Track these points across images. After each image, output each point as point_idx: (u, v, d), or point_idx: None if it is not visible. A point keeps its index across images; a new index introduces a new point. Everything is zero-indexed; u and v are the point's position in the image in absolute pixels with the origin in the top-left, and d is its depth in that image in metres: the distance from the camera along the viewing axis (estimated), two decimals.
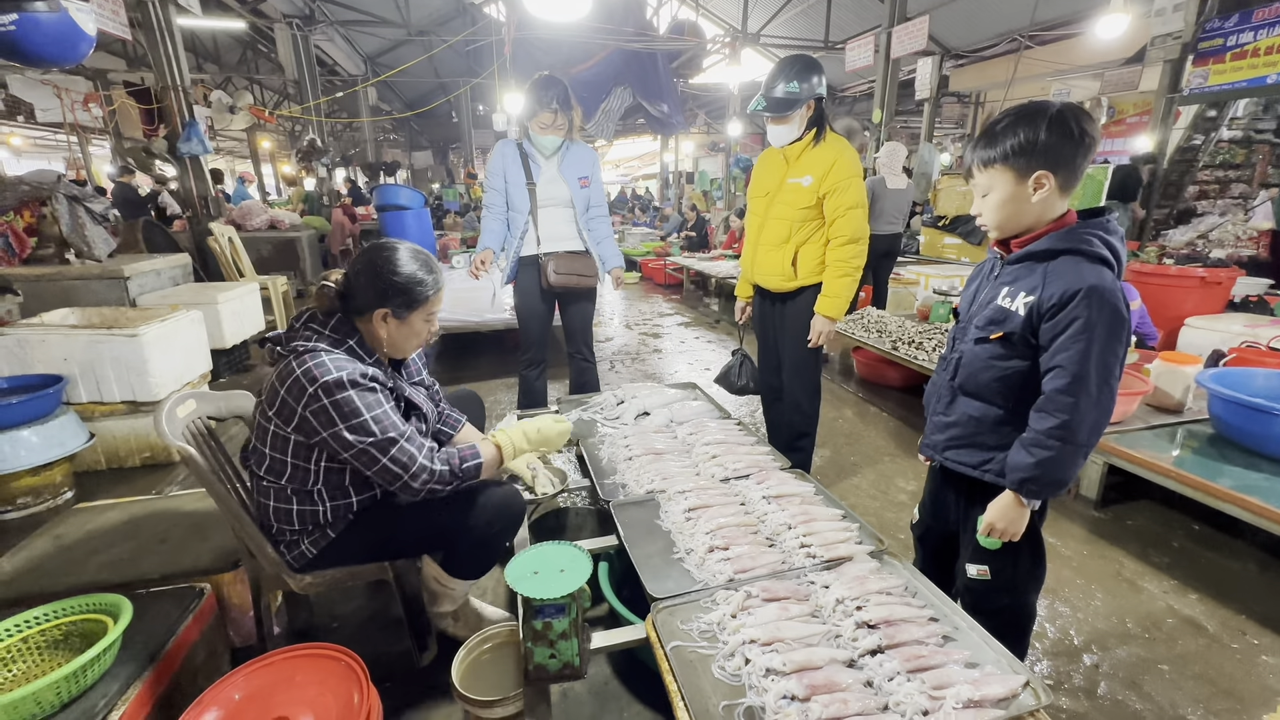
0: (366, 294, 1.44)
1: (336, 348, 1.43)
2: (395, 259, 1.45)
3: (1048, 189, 1.15)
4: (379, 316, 1.45)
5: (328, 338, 1.43)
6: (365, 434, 1.37)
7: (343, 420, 1.36)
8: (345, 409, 1.36)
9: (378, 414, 1.39)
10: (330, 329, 1.44)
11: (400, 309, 1.45)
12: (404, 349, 1.55)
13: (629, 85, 10.50)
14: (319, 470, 1.45)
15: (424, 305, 1.48)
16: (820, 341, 2.30)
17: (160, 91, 4.90)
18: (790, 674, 1.21)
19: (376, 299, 1.44)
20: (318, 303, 1.48)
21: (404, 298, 1.44)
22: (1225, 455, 2.29)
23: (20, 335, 2.70)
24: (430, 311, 1.52)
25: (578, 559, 1.36)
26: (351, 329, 1.48)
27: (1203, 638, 1.80)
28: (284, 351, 1.41)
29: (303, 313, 1.47)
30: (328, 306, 1.46)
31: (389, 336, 1.49)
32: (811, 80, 2.11)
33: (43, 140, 14.58)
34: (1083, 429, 1.13)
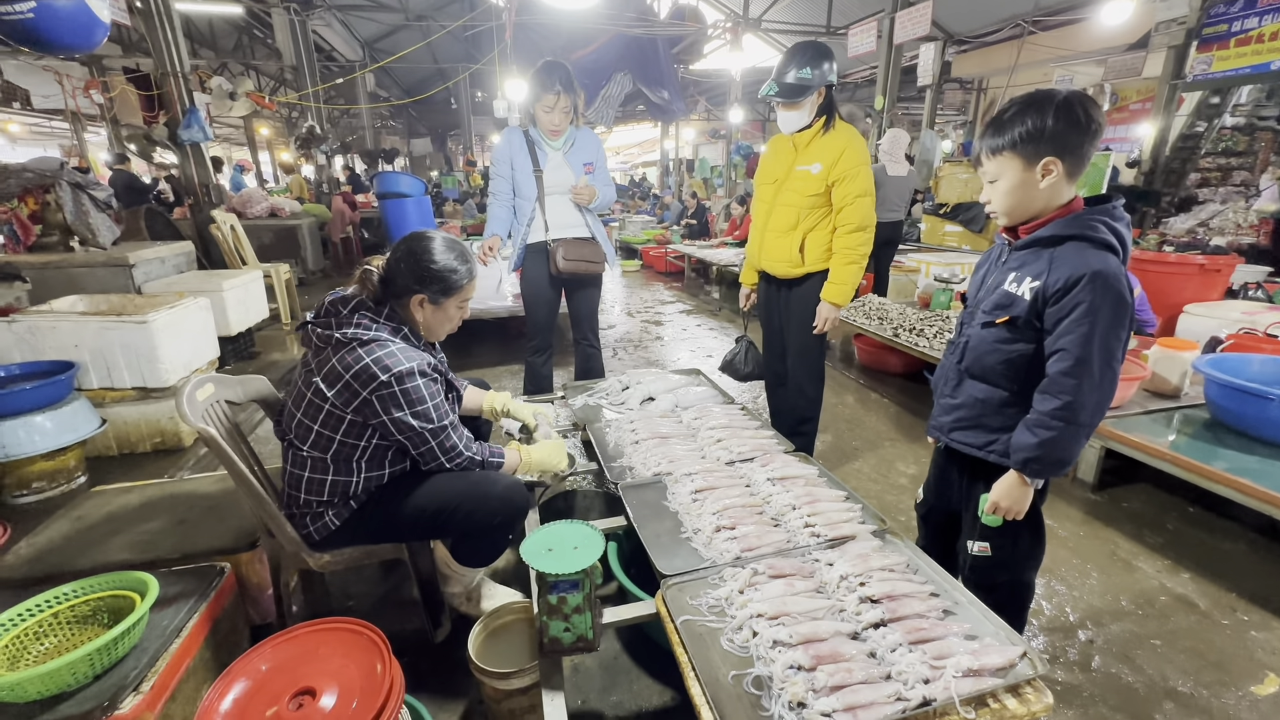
0: (406, 280, 1.54)
1: (396, 335, 1.53)
2: (433, 248, 1.55)
3: (1055, 175, 1.18)
4: (416, 301, 1.55)
5: (386, 326, 1.52)
6: (426, 420, 1.51)
7: (409, 406, 1.48)
8: (413, 396, 1.48)
9: (437, 402, 1.53)
10: (385, 317, 1.54)
11: (437, 295, 1.55)
12: (438, 333, 1.67)
13: (629, 71, 10.44)
14: (368, 446, 1.55)
15: (459, 292, 1.59)
16: (826, 328, 2.34)
17: (160, 78, 4.87)
18: (797, 645, 1.26)
19: (415, 284, 1.53)
20: (361, 287, 1.56)
21: (440, 285, 1.55)
22: (1220, 439, 2.34)
23: (31, 322, 2.72)
24: (464, 298, 1.63)
25: (590, 537, 1.40)
26: (402, 318, 1.57)
27: (1194, 614, 1.86)
28: (343, 339, 1.46)
29: (347, 298, 1.54)
30: (372, 292, 1.55)
31: (425, 320, 1.59)
32: (823, 67, 2.12)
33: (38, 127, 14.47)
34: (1085, 410, 1.17)
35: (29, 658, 1.32)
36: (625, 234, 9.95)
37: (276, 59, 9.53)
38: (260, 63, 12.31)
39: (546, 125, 2.62)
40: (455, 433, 1.61)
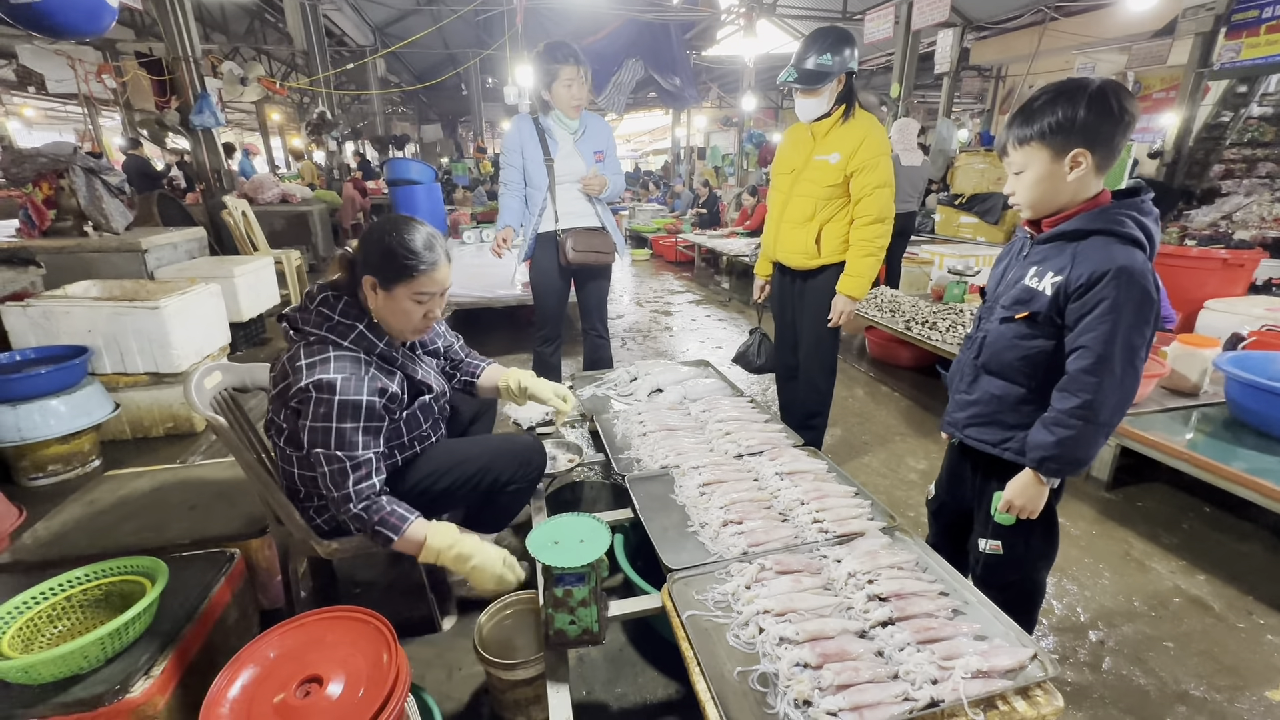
0: (361, 257, 1.44)
1: (348, 334, 1.43)
2: (398, 227, 1.43)
3: (1084, 168, 1.14)
4: (368, 284, 1.43)
5: (338, 324, 1.43)
6: (324, 440, 1.37)
7: (313, 419, 1.37)
8: (320, 410, 1.36)
9: (345, 428, 1.38)
10: (340, 312, 1.44)
11: (386, 278, 1.41)
12: (396, 329, 1.50)
13: (641, 57, 10.31)
14: None
15: (409, 280, 1.41)
16: (840, 321, 2.30)
17: (171, 63, 4.87)
18: (803, 643, 1.25)
19: (365, 263, 1.42)
20: (334, 270, 1.51)
21: (390, 266, 1.40)
22: (1240, 439, 2.29)
23: (45, 307, 2.75)
24: (417, 290, 1.43)
25: (597, 530, 1.40)
26: (362, 310, 1.47)
27: (1208, 617, 1.83)
28: (296, 336, 1.44)
29: (320, 288, 1.48)
30: (342, 277, 1.48)
31: (377, 310, 1.46)
32: (844, 54, 2.07)
33: (53, 112, 14.56)
34: (1104, 409, 1.14)
35: (43, 640, 1.33)
36: (635, 223, 9.90)
37: (288, 44, 9.51)
38: (272, 48, 12.28)
39: (568, 101, 2.57)
40: (354, 472, 1.39)
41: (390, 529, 1.44)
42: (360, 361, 1.43)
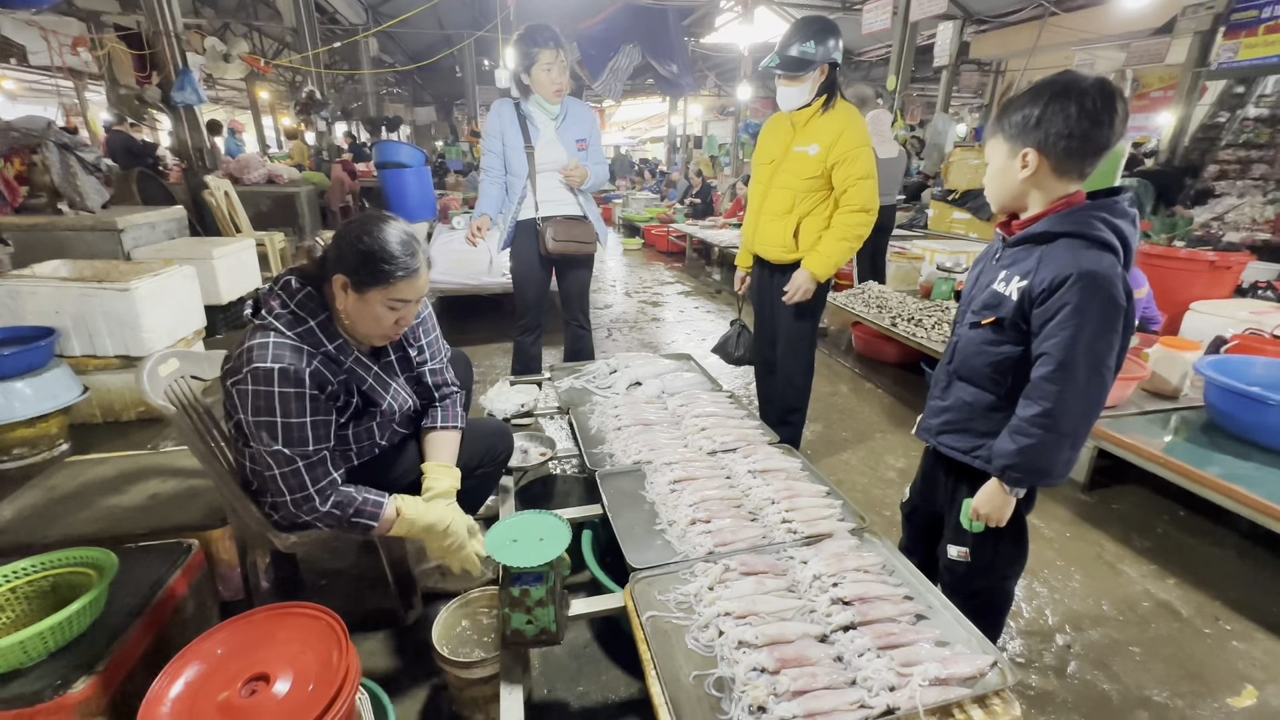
0: (336, 253, 1.35)
1: (295, 326, 1.35)
2: (377, 227, 1.35)
3: (1032, 169, 1.12)
4: (339, 283, 1.34)
5: (290, 314, 1.35)
6: (270, 437, 1.30)
7: (253, 413, 1.30)
8: (258, 402, 1.29)
9: (291, 423, 1.31)
10: (297, 303, 1.36)
11: (361, 280, 1.33)
12: (363, 332, 1.42)
13: (638, 43, 10.18)
14: None
15: (385, 285, 1.33)
16: (798, 298, 2.24)
17: (152, 37, 4.75)
18: (762, 647, 1.23)
19: (340, 261, 1.34)
20: (303, 259, 1.44)
21: (367, 268, 1.32)
22: (1217, 443, 2.28)
23: (11, 286, 2.68)
24: (392, 297, 1.35)
25: (557, 528, 1.37)
26: (320, 305, 1.39)
27: (1176, 621, 1.83)
28: (248, 319, 1.38)
29: (283, 274, 1.42)
30: (310, 268, 1.41)
31: (346, 309, 1.37)
32: (828, 43, 2.03)
33: (38, 85, 14.23)
34: (1067, 418, 1.12)
35: None
36: (628, 211, 9.81)
37: (279, 20, 9.30)
38: (263, 24, 12.04)
39: (548, 86, 2.51)
40: (311, 470, 1.34)
41: (369, 518, 1.42)
42: (302, 352, 1.34)
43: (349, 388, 1.45)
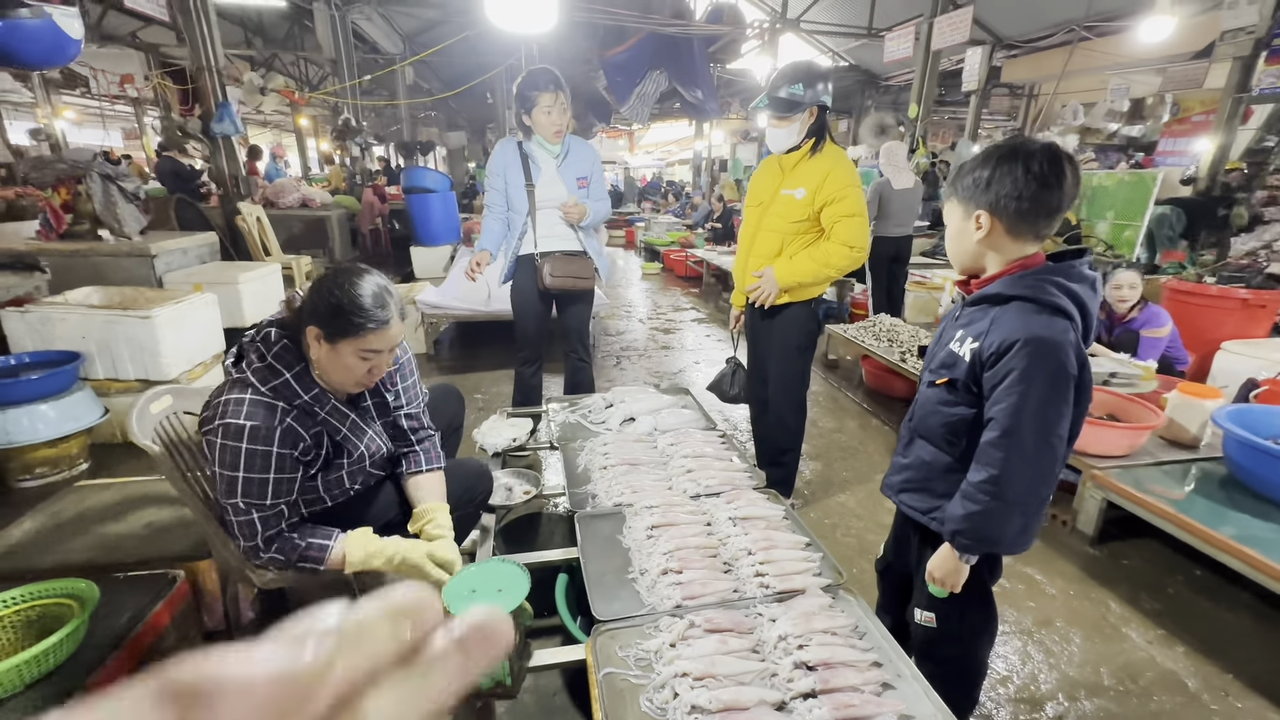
0: (309, 305, 1.39)
1: (270, 380, 1.38)
2: (351, 280, 1.37)
3: (985, 230, 1.11)
4: (312, 334, 1.37)
5: (266, 367, 1.38)
6: (229, 490, 1.36)
7: (219, 465, 1.35)
8: (225, 455, 1.34)
9: (253, 478, 1.35)
10: (274, 354, 1.39)
11: (333, 332, 1.35)
12: (335, 381, 1.44)
13: (664, 69, 10.34)
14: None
15: (356, 337, 1.35)
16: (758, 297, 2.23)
17: (195, 72, 5.03)
18: (715, 713, 1.21)
19: (313, 313, 1.37)
20: (284, 310, 1.49)
21: (338, 321, 1.34)
22: (1234, 500, 2.16)
23: (43, 313, 2.84)
24: (363, 348, 1.37)
25: (516, 579, 1.37)
26: (298, 357, 1.42)
27: (1181, 695, 1.72)
28: (233, 368, 1.42)
29: (264, 324, 1.46)
30: (289, 319, 1.45)
31: (319, 360, 1.41)
32: (817, 87, 2.04)
33: (104, 111, 15.14)
34: (1013, 486, 1.08)
35: None
36: (649, 235, 9.88)
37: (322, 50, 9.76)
38: (309, 54, 12.64)
39: (548, 128, 2.57)
40: (262, 523, 1.39)
41: (313, 561, 1.45)
42: (276, 410, 1.38)
43: (320, 440, 1.48)
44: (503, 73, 13.24)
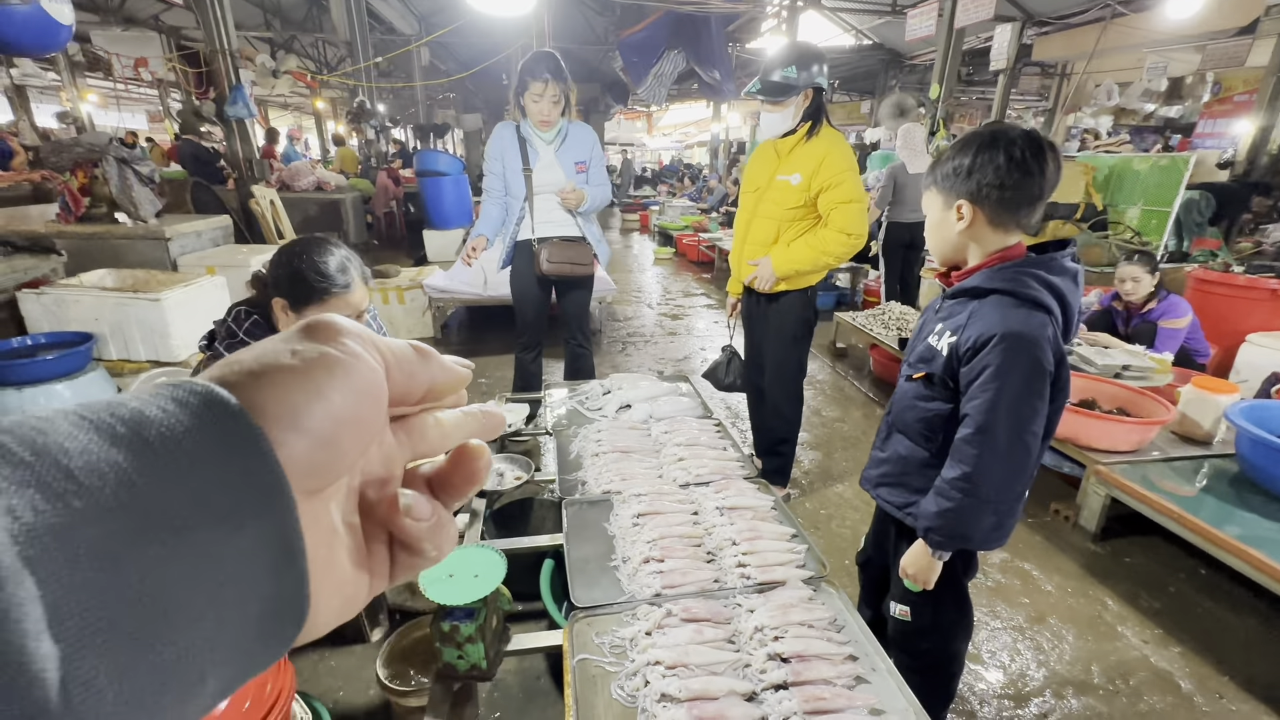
0: (273, 279, 1.39)
1: None
2: (311, 249, 1.38)
3: (967, 220, 1.07)
4: (279, 306, 1.38)
5: (239, 344, 1.39)
6: None
7: None
8: None
9: None
10: (246, 330, 1.41)
11: (296, 300, 1.36)
12: None
13: (681, 49, 10.17)
14: None
15: (319, 303, 1.36)
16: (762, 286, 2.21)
17: (209, 55, 5.07)
18: (684, 701, 1.21)
19: (277, 284, 1.38)
20: (251, 286, 1.50)
21: (301, 288, 1.35)
22: (1244, 499, 2.10)
23: (58, 294, 2.92)
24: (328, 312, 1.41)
25: (493, 564, 1.39)
26: (269, 331, 1.43)
27: (1172, 696, 1.69)
28: (206, 349, 1.44)
29: (234, 305, 1.48)
30: (258, 297, 1.46)
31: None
32: (811, 69, 1.98)
33: (126, 94, 15.41)
34: (986, 483, 1.06)
35: None
36: (664, 219, 9.80)
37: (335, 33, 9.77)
38: (326, 35, 12.66)
39: (535, 116, 2.55)
40: None
41: None
42: None
43: None
44: (516, 53, 13.15)
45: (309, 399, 0.20)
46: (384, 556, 0.26)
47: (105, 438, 0.17)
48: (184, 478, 0.17)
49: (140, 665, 0.16)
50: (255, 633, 0.19)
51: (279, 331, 1.25)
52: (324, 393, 0.21)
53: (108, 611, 0.15)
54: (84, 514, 0.16)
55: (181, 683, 0.17)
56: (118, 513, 0.16)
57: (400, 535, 0.26)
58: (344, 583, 0.24)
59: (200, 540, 0.17)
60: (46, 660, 0.14)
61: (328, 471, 0.21)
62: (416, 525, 0.25)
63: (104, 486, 0.16)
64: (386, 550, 0.26)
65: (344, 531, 0.24)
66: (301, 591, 0.20)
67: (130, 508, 0.16)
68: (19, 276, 3.07)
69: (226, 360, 0.21)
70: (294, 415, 0.20)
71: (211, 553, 0.18)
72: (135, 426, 0.18)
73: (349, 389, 0.21)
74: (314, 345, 0.22)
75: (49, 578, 0.15)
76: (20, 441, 0.16)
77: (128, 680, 0.16)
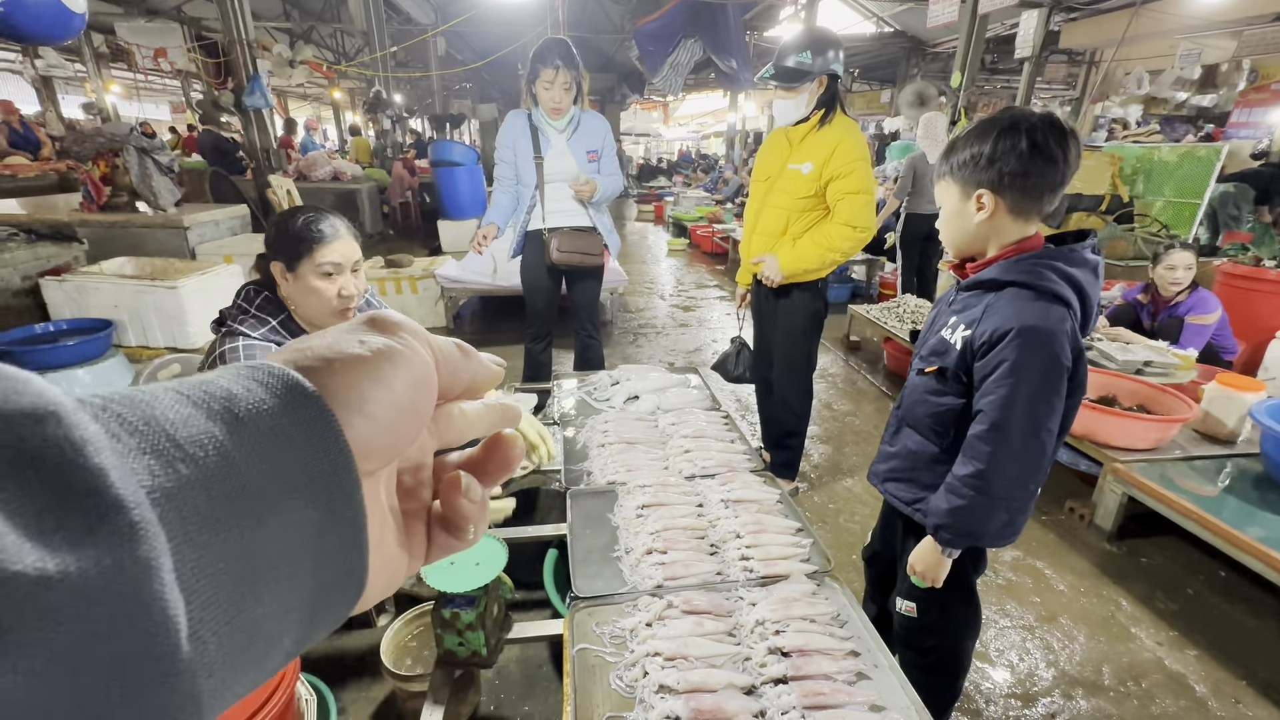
0: (268, 250, 1.44)
1: (260, 327, 1.44)
2: (296, 212, 1.44)
3: (989, 210, 1.03)
4: (278, 271, 1.43)
5: (253, 318, 1.44)
6: None
7: None
8: None
9: None
10: (257, 306, 1.45)
11: (291, 257, 1.40)
12: (312, 313, 1.48)
13: (698, 38, 10.05)
14: None
15: (310, 253, 1.40)
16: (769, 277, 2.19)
17: (227, 45, 5.12)
18: (682, 693, 1.21)
19: (272, 251, 1.43)
20: (255, 272, 1.52)
21: (291, 243, 1.40)
22: (1267, 500, 2.04)
23: (79, 282, 2.98)
24: (320, 262, 1.41)
25: (494, 553, 1.39)
26: (279, 307, 1.48)
27: (1186, 699, 1.65)
28: (217, 324, 1.47)
29: (241, 287, 1.51)
30: (261, 274, 1.49)
31: (291, 297, 1.46)
32: (826, 55, 1.94)
33: (149, 85, 15.63)
34: (999, 481, 1.03)
35: None
36: (678, 210, 9.73)
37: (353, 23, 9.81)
38: (345, 25, 12.71)
39: (547, 103, 2.53)
40: None
41: None
42: (270, 348, 1.42)
43: None
44: (531, 42, 13.10)
45: (375, 386, 0.22)
46: (421, 537, 0.28)
47: (203, 411, 0.18)
48: (270, 452, 0.19)
49: (235, 621, 0.18)
50: (323, 599, 0.21)
51: (286, 305, 1.25)
52: (388, 381, 0.22)
53: (213, 571, 0.17)
54: (190, 480, 0.17)
55: (266, 640, 0.19)
56: (218, 480, 0.18)
57: (453, 515, 0.27)
58: (390, 559, 0.26)
59: (284, 509, 0.19)
60: (177, 608, 0.16)
61: (385, 455, 0.23)
62: (471, 506, 0.27)
63: (206, 456, 0.18)
64: (424, 531, 0.28)
65: (389, 512, 0.26)
66: (363, 563, 0.22)
67: (228, 476, 0.18)
68: (41, 264, 3.14)
69: (297, 346, 0.23)
70: (361, 401, 0.22)
71: (291, 522, 0.19)
72: (226, 403, 0.19)
73: (409, 379, 0.23)
74: (378, 337, 0.23)
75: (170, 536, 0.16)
76: (134, 412, 0.17)
77: (225, 634, 0.17)
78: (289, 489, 0.19)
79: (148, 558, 0.15)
